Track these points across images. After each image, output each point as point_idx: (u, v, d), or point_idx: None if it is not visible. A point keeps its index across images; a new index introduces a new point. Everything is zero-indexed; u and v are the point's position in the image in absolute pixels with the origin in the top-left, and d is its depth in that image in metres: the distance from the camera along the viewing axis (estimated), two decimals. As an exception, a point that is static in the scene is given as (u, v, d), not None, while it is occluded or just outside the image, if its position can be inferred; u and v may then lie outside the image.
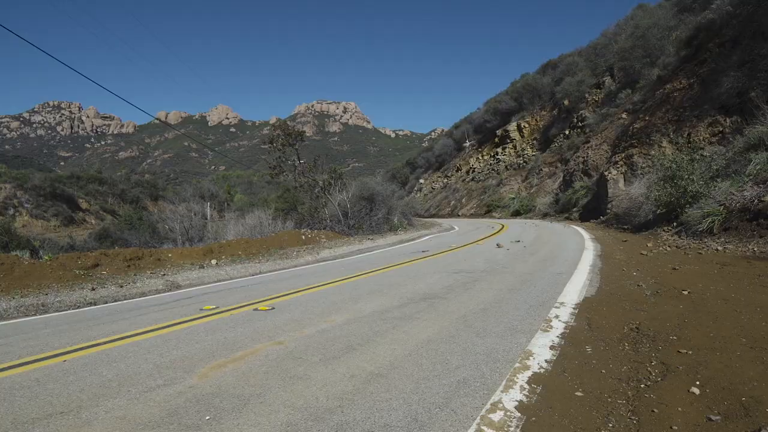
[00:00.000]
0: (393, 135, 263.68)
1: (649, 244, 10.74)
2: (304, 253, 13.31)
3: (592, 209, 22.57)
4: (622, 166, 20.61)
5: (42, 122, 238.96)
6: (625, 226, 15.40)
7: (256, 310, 5.85)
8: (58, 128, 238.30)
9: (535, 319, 4.77)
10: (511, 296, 5.95)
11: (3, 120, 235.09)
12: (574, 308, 5.20)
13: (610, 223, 17.74)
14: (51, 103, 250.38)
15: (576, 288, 6.30)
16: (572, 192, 26.96)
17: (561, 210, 27.43)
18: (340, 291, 6.99)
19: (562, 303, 5.44)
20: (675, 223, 12.06)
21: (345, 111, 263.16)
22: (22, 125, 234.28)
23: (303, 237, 15.90)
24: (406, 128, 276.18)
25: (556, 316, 4.84)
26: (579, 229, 17.65)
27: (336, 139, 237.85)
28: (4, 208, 49.88)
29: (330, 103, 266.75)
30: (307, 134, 26.12)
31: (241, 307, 6.11)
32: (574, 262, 8.82)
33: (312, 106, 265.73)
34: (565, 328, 4.44)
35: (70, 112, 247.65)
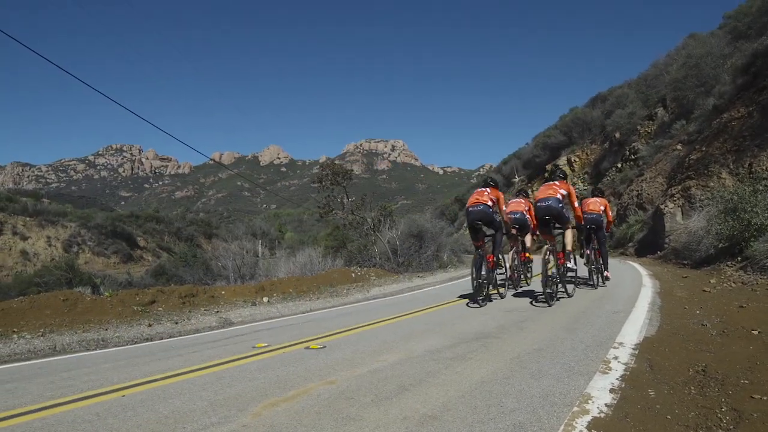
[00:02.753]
0: (441, 172, 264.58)
1: (711, 281, 10.25)
2: (354, 291, 13.35)
3: (649, 244, 21.82)
4: (678, 199, 19.92)
5: (105, 164, 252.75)
6: (685, 262, 14.77)
7: (307, 348, 5.88)
8: (120, 170, 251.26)
9: (592, 360, 4.60)
10: (567, 336, 5.77)
11: (70, 163, 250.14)
12: (633, 349, 4.99)
13: (668, 258, 17.06)
14: (114, 146, 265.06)
15: (635, 327, 6.06)
16: (627, 227, 26.19)
17: (616, 245, 26.61)
18: (391, 330, 6.96)
19: (620, 343, 5.23)
20: (739, 258, 11.48)
21: (393, 149, 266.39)
22: (88, 167, 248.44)
23: (353, 275, 15.98)
24: (454, 165, 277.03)
25: (615, 357, 4.66)
26: (635, 264, 17.06)
27: (384, 176, 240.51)
28: (69, 245, 52.62)
29: (378, 142, 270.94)
30: (356, 172, 26.51)
31: (292, 345, 6.15)
32: (632, 300, 8.50)
33: (360, 144, 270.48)
34: (626, 369, 4.26)
35: (131, 154, 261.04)
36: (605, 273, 11.31)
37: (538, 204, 8.70)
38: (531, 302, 8.73)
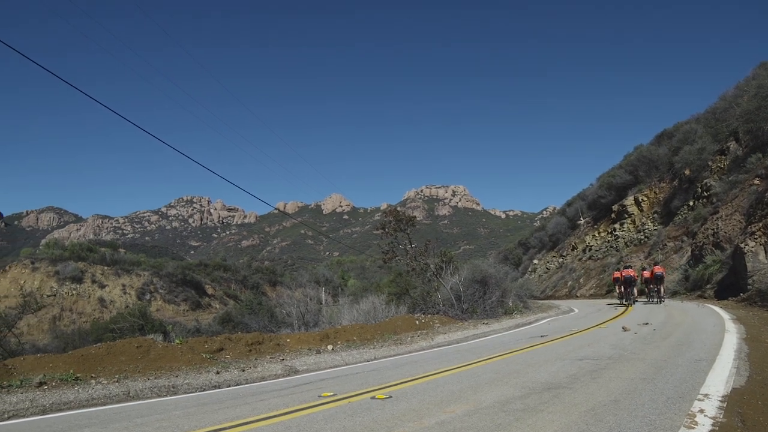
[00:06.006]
0: (503, 216, 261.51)
1: (804, 325, 9.51)
2: (419, 339, 13.20)
3: (729, 285, 20.52)
4: (760, 236, 18.75)
5: (176, 215, 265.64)
6: (772, 304, 13.79)
7: (373, 398, 5.83)
8: (190, 220, 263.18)
9: (675, 413, 4.33)
10: (645, 386, 5.47)
11: (145, 215, 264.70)
12: (721, 401, 4.67)
13: (752, 300, 15.96)
14: (185, 198, 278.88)
15: (721, 377, 5.67)
16: (703, 267, 24.77)
17: (692, 287, 25.17)
18: (457, 379, 6.82)
19: (705, 395, 4.91)
20: (834, 300, 10.62)
21: (454, 194, 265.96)
22: (161, 218, 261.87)
23: (416, 322, 15.83)
24: (516, 208, 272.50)
25: (701, 410, 4.37)
26: (715, 308, 16.07)
27: (446, 222, 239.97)
28: (142, 293, 55.06)
29: (439, 188, 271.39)
30: (417, 218, 26.46)
31: (358, 394, 6.12)
32: (715, 347, 7.99)
33: (421, 191, 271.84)
34: (714, 424, 3.98)
35: (201, 205, 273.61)
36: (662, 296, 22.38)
37: (656, 273, 22.16)
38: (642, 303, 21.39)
